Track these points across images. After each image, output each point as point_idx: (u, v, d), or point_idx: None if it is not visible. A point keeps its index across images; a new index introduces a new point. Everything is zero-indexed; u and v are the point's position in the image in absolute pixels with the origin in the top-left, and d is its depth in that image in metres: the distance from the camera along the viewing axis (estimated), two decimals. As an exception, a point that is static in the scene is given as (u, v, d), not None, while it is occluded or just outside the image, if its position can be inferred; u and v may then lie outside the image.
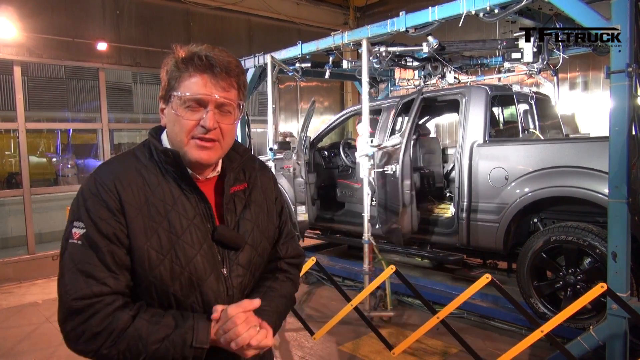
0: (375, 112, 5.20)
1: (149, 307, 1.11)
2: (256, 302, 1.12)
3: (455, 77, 5.31)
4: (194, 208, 1.16)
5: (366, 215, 4.29)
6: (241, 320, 1.06)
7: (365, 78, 4.25)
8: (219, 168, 1.24)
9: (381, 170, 4.43)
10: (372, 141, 4.40)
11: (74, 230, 1.08)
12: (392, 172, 4.34)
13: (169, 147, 1.18)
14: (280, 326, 1.30)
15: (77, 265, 1.06)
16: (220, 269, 1.17)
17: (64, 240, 1.10)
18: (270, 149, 5.18)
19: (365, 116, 4.29)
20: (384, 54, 4.68)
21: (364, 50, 4.26)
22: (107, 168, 1.15)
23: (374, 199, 4.48)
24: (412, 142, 4.51)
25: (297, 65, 5.27)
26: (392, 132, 4.92)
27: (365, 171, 4.25)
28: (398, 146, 4.34)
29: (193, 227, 1.14)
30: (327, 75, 4.99)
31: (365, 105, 4.30)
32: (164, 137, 1.22)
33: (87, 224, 1.07)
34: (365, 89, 4.27)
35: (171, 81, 1.13)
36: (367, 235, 4.27)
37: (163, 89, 1.16)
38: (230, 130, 1.16)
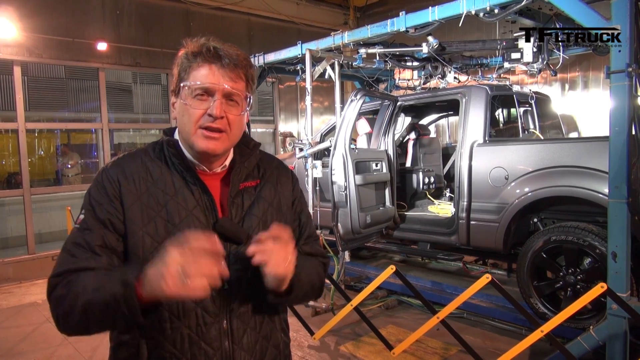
0: (375, 112, 5.22)
1: None
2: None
3: (455, 77, 5.30)
4: (195, 200, 1.17)
5: (310, 211, 4.44)
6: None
7: (309, 85, 4.57)
8: (227, 162, 1.24)
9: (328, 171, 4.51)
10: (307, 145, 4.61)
11: (80, 216, 1.15)
12: (331, 175, 4.41)
13: (181, 143, 1.21)
14: (306, 289, 1.22)
15: (67, 245, 1.11)
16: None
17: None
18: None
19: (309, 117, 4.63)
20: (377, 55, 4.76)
21: (307, 59, 4.53)
22: (116, 162, 1.20)
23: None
24: (350, 143, 4.43)
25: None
26: (386, 133, 4.93)
27: (310, 172, 4.55)
28: (329, 148, 4.46)
29: (191, 218, 1.15)
30: (327, 75, 4.98)
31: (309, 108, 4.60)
32: (176, 134, 1.24)
33: (87, 209, 1.14)
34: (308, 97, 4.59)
35: (181, 73, 1.15)
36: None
37: (174, 83, 1.18)
38: (237, 121, 1.17)
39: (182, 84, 1.15)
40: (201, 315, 1.13)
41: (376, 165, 4.67)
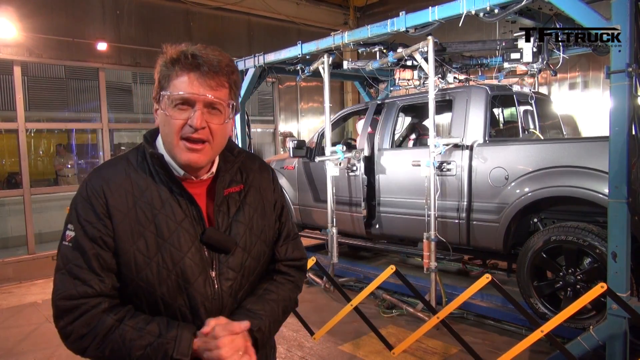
0: (375, 112, 5.21)
1: (137, 311, 1.12)
2: (244, 325, 1.11)
3: (455, 77, 5.30)
4: (183, 211, 1.15)
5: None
6: (225, 344, 1.06)
7: (431, 77, 4.00)
8: (214, 169, 1.22)
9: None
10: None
11: (67, 232, 1.13)
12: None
13: (163, 150, 1.18)
14: (276, 330, 1.28)
15: (65, 266, 1.10)
16: (209, 272, 1.16)
17: (60, 242, 1.14)
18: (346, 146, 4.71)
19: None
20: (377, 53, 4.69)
21: (430, 49, 3.95)
22: (98, 172, 1.17)
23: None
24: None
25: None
26: (393, 133, 4.93)
27: (430, 172, 4.00)
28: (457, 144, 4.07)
29: (181, 230, 1.14)
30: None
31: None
32: (159, 140, 1.21)
33: (76, 227, 1.11)
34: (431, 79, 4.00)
35: (161, 81, 1.13)
36: (433, 233, 4.00)
37: (155, 89, 1.16)
38: (220, 130, 1.14)
39: (162, 93, 1.12)
40: (195, 327, 1.13)
41: None
